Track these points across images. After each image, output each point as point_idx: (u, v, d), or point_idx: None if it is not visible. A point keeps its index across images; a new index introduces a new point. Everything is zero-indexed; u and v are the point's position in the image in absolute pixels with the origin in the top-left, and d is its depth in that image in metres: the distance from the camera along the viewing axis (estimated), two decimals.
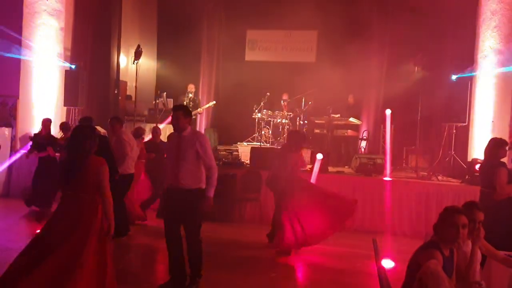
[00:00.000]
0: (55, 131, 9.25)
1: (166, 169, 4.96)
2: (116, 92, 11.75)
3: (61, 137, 8.68)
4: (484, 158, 5.61)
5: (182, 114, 4.77)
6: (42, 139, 8.31)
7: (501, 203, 5.03)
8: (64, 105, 10.44)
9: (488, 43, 8.85)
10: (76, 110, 10.53)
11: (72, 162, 3.97)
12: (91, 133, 4.12)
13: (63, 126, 8.67)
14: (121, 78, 12.27)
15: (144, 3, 13.40)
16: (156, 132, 8.47)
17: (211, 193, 4.78)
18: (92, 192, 3.92)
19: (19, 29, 10.20)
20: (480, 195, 5.45)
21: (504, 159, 6.97)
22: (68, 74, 10.33)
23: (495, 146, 5.37)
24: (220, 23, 12.65)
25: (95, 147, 4.06)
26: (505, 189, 5.08)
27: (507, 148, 5.50)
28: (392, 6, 10.77)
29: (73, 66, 10.43)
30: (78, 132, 4.11)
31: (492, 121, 8.74)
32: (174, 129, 4.89)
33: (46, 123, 8.63)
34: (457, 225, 3.29)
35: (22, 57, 10.17)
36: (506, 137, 8.20)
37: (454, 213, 3.35)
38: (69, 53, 10.79)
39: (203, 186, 4.82)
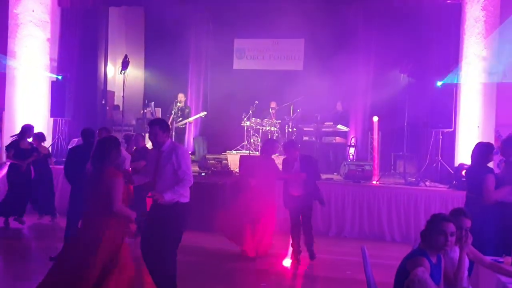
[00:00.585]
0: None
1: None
2: (103, 102, 11.70)
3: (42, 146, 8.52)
4: (471, 163, 5.63)
5: (160, 129, 4.59)
6: (27, 146, 8.21)
7: (488, 208, 5.06)
8: (51, 116, 10.39)
9: (472, 49, 8.96)
10: (63, 121, 10.48)
11: (96, 172, 4.03)
12: (117, 144, 4.20)
13: (38, 136, 8.46)
14: (109, 88, 12.23)
15: (131, 12, 13.39)
16: (137, 140, 7.98)
17: (168, 196, 4.43)
18: (106, 204, 3.95)
19: (4, 40, 10.15)
20: (466, 200, 5.47)
21: (490, 164, 7.08)
22: (54, 85, 10.30)
23: (482, 151, 5.37)
24: (207, 32, 12.68)
25: (119, 158, 4.17)
26: (492, 195, 5.10)
27: (494, 153, 5.52)
28: (377, 15, 10.88)
29: (59, 77, 10.39)
30: (106, 143, 4.16)
31: (478, 126, 8.84)
32: (152, 145, 4.73)
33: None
34: (445, 232, 3.32)
35: (7, 68, 10.11)
36: (492, 142, 8.32)
37: (442, 221, 3.38)
38: (55, 64, 10.76)
39: (182, 200, 4.59)
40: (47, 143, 10.30)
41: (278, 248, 6.97)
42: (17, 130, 9.79)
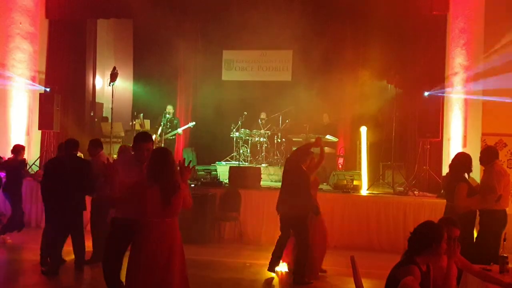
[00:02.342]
0: None
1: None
2: (92, 114, 11.66)
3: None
4: (449, 172, 5.78)
5: (152, 145, 4.49)
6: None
7: (465, 216, 5.19)
8: (39, 129, 10.32)
9: (458, 60, 9.10)
10: (52, 133, 10.41)
11: (167, 188, 3.80)
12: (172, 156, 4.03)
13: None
14: (97, 100, 12.20)
15: (119, 24, 13.40)
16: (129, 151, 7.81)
17: None
18: (177, 214, 3.94)
19: None
20: (445, 209, 5.65)
21: (477, 173, 7.17)
22: (42, 97, 10.23)
23: (459, 161, 5.56)
24: (196, 44, 12.72)
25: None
26: (463, 202, 5.31)
27: (471, 163, 5.67)
28: (364, 26, 11.01)
29: (48, 89, 10.34)
30: (165, 155, 3.91)
31: (464, 136, 8.94)
32: (140, 161, 4.46)
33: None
34: (447, 239, 3.43)
35: None
36: (478, 151, 8.39)
37: (441, 229, 3.46)
38: (43, 76, 10.72)
39: None
40: (36, 156, 10.27)
41: None
42: (5, 142, 9.78)
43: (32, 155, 10.19)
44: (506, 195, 5.61)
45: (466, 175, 5.59)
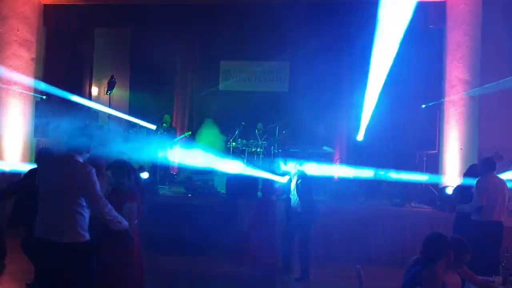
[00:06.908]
0: None
1: None
2: (88, 123, 11.57)
3: None
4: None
5: None
6: None
7: (472, 226, 5.30)
8: (35, 136, 10.25)
9: (455, 73, 9.17)
10: (47, 141, 10.33)
11: None
12: None
13: None
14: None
15: (116, 34, 13.38)
16: None
17: None
18: None
19: None
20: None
21: None
22: (39, 105, 10.18)
23: (470, 172, 5.68)
24: (193, 54, 12.74)
25: None
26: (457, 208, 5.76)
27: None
28: (361, 38, 11.06)
29: (44, 97, 10.30)
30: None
31: (461, 148, 8.98)
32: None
33: None
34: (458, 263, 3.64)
35: None
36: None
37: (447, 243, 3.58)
38: (40, 84, 10.66)
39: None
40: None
41: None
42: (1, 150, 9.68)
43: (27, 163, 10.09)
44: (492, 206, 5.62)
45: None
